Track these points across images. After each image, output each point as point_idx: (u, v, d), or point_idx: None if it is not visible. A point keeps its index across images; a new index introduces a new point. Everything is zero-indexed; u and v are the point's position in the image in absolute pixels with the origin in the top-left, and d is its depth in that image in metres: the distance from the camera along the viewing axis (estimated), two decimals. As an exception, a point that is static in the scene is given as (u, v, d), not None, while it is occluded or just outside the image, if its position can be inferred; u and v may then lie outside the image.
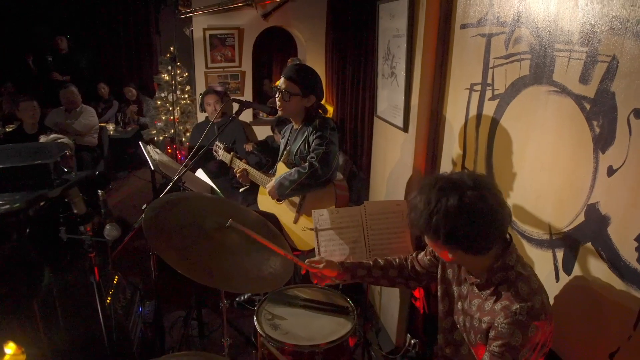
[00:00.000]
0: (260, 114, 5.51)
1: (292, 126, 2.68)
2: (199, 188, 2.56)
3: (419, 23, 2.40)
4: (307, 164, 2.36)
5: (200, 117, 5.17)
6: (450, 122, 2.37)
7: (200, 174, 2.69)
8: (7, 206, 1.55)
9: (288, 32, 5.41)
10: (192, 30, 4.93)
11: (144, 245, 3.13)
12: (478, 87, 2.09)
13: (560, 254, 1.62)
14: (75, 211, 1.93)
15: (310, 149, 2.42)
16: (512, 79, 1.86)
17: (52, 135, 3.29)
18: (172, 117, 5.17)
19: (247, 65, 5.03)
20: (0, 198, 1.63)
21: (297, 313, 2.04)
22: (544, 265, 1.69)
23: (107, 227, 1.77)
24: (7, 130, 6.11)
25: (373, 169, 3.34)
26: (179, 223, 1.84)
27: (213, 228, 1.88)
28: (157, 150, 2.64)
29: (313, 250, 2.53)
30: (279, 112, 2.47)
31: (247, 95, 5.15)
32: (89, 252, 1.94)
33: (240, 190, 2.90)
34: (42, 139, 3.30)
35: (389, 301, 3.02)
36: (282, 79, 2.48)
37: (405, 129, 2.61)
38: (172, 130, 5.17)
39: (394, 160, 2.87)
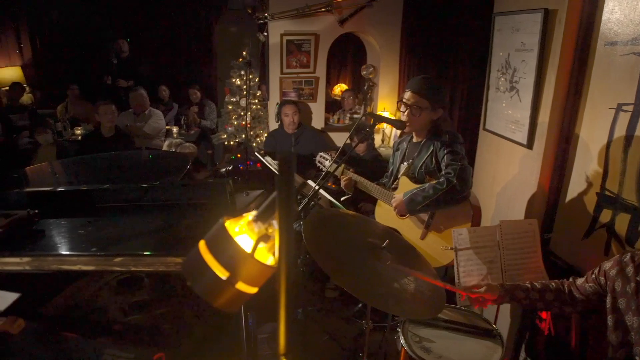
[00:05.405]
0: (331, 120, 5.51)
1: (411, 139, 2.64)
2: (322, 203, 2.56)
3: (553, 38, 2.35)
4: (442, 179, 2.31)
5: (272, 121, 5.19)
6: (586, 140, 2.31)
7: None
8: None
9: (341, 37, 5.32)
10: (266, 35, 4.95)
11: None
12: (629, 108, 2.04)
13: None
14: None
15: (444, 165, 2.37)
16: (680, 102, 1.80)
17: (177, 140, 3.30)
18: (243, 122, 5.21)
19: (321, 72, 5.03)
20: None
21: (442, 335, 2.03)
22: None
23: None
24: (77, 132, 6.29)
25: (477, 184, 3.28)
26: (337, 246, 1.85)
27: (368, 248, 1.89)
28: (279, 162, 2.64)
29: (442, 267, 2.52)
30: (407, 127, 2.44)
31: (320, 102, 5.14)
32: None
33: (342, 199, 2.90)
34: (167, 142, 3.30)
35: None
36: (410, 92, 2.44)
37: (529, 145, 2.56)
38: (244, 135, 5.21)
39: (508, 176, 2.82)
